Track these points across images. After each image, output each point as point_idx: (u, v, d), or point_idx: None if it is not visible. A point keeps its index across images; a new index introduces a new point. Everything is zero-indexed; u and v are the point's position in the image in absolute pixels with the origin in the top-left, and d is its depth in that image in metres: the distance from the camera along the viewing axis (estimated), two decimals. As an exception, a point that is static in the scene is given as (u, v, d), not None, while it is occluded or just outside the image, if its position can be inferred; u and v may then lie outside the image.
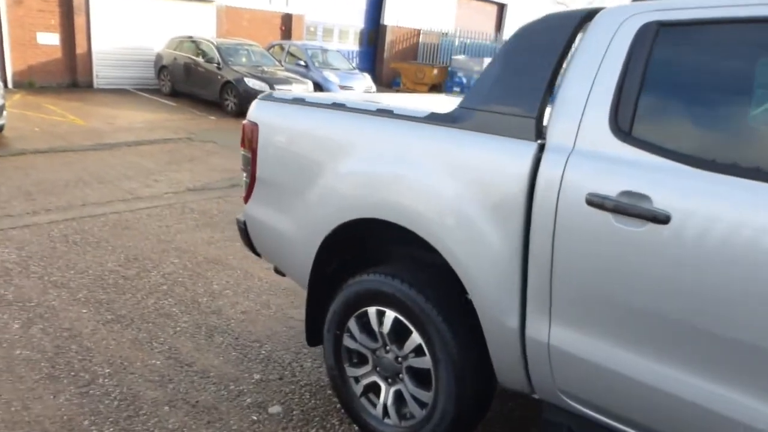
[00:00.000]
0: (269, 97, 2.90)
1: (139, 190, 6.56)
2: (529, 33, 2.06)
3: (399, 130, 2.28)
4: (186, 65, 13.07)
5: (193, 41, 13.39)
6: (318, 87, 13.21)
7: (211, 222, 5.64)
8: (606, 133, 1.79)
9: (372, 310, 2.41)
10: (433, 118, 2.21)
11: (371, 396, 2.55)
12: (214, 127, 10.94)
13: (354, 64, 15.83)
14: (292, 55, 14.89)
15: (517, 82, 2.02)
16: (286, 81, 12.09)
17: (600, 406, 1.86)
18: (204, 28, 15.44)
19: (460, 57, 19.20)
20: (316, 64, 14.40)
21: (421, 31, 21.75)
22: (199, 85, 12.78)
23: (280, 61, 13.92)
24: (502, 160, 1.97)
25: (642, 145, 1.73)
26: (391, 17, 20.83)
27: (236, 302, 3.94)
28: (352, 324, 2.52)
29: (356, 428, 2.68)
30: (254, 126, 2.85)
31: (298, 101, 2.74)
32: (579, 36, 1.97)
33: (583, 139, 1.83)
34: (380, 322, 2.39)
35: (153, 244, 4.92)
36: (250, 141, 2.88)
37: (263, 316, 3.77)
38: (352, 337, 2.53)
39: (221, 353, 3.28)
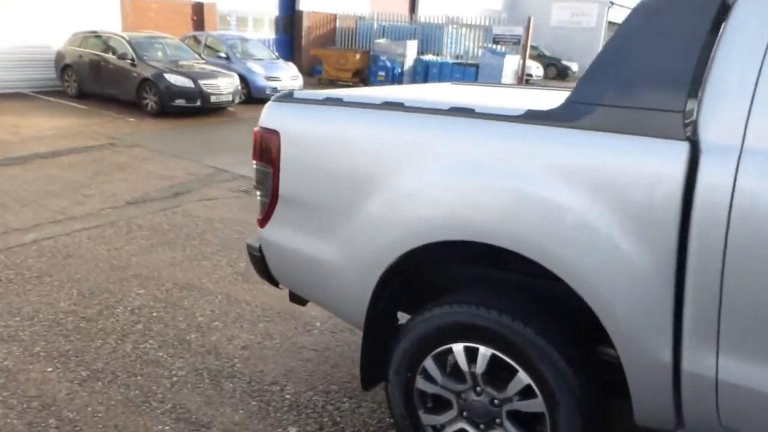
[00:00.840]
0: (288, 98, 2.40)
1: (70, 208, 5.73)
2: (660, 8, 1.71)
3: (490, 133, 1.88)
4: (94, 63, 11.85)
5: (99, 36, 12.16)
6: (242, 79, 12.41)
7: (166, 239, 4.97)
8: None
9: (459, 348, 2.01)
10: (535, 117, 1.82)
11: (456, 447, 2.16)
12: (136, 129, 9.96)
13: (276, 54, 15.06)
14: (209, 47, 13.92)
15: (652, 70, 1.67)
16: (211, 75, 11.23)
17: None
18: (107, 21, 14.10)
19: (382, 41, 18.84)
20: (238, 56, 13.54)
21: (338, 16, 21.15)
22: (111, 85, 11.63)
23: (199, 54, 12.96)
24: (642, 165, 1.62)
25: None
26: (306, 2, 20.08)
27: (232, 336, 3.39)
28: (429, 364, 2.10)
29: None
30: (273, 134, 2.35)
31: (334, 102, 2.26)
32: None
33: (755, 135, 1.51)
34: (471, 361, 2.00)
35: (107, 273, 4.23)
36: (267, 153, 2.37)
37: (269, 349, 3.26)
38: (430, 379, 2.12)
39: (238, 405, 2.76)
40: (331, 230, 2.24)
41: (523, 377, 1.90)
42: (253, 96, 12.87)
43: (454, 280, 2.23)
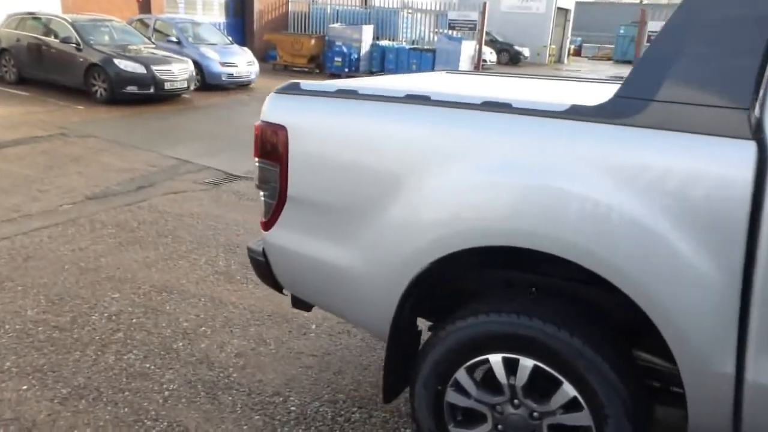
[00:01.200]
0: (295, 90, 2.21)
1: (25, 205, 5.33)
2: (719, 4, 1.61)
3: (533, 130, 1.76)
4: (33, 47, 11.13)
5: (38, 18, 11.43)
6: (195, 65, 11.91)
7: (136, 238, 4.68)
8: None
9: (496, 359, 1.90)
10: (582, 113, 1.71)
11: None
12: (86, 118, 9.42)
13: (229, 38, 14.54)
14: (158, 31, 13.31)
15: (713, 63, 1.57)
16: (164, 61, 10.72)
17: None
18: (45, 2, 13.28)
19: (337, 26, 18.50)
20: (190, 40, 13.01)
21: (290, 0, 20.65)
22: (55, 71, 10.95)
23: (149, 38, 12.36)
24: (705, 166, 1.53)
25: None
26: (257, -15, 19.53)
27: (222, 342, 3.19)
28: (461, 376, 1.98)
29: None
30: (280, 130, 2.16)
31: (349, 94, 2.09)
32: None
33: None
34: (510, 373, 1.89)
35: (75, 276, 3.93)
36: (272, 150, 2.18)
37: (265, 356, 3.08)
38: (462, 391, 2.00)
39: (241, 420, 2.57)
40: (349, 233, 2.08)
41: (568, 389, 1.81)
42: (207, 82, 12.40)
43: (481, 284, 2.12)
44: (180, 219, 5.15)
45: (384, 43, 18.47)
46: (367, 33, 17.81)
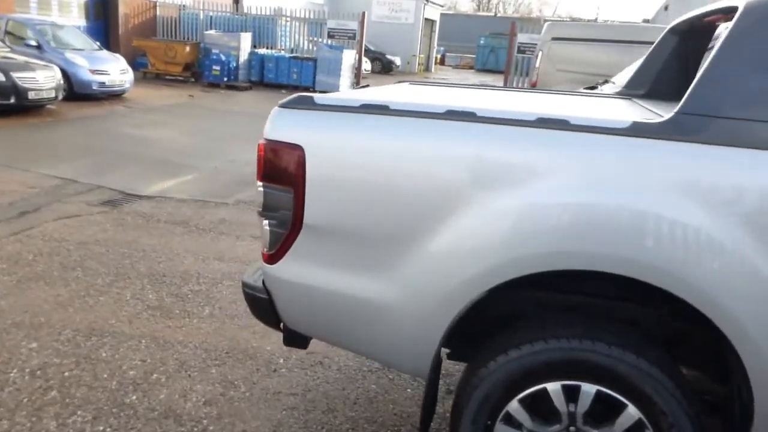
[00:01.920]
0: (309, 105, 1.96)
1: None
2: (758, 37, 1.64)
3: (594, 148, 1.68)
4: None
5: None
6: (62, 73, 10.73)
7: (37, 272, 4.04)
8: None
9: (555, 387, 1.80)
10: (645, 130, 1.67)
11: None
12: (-67, 133, 8.09)
13: (97, 44, 13.29)
14: (12, 33, 11.83)
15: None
16: (26, 67, 9.52)
17: None
18: None
19: (213, 32, 17.70)
20: (52, 44, 11.70)
21: (158, 3, 19.40)
22: None
23: (2, 41, 10.93)
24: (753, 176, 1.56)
25: None
26: (120, -13, 18.11)
27: (184, 390, 2.80)
28: (514, 408, 1.86)
29: None
30: (294, 150, 1.91)
31: (378, 109, 1.88)
32: None
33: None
34: (570, 400, 1.80)
35: (-29, 326, 3.29)
36: (284, 173, 1.93)
37: (239, 401, 2.74)
38: (515, 425, 1.88)
39: (238, 480, 2.25)
40: (383, 264, 1.88)
41: (633, 412, 1.76)
42: (76, 92, 11.24)
43: (519, 309, 2.02)
44: (85, 247, 4.53)
45: (263, 51, 17.96)
46: (245, 40, 17.21)
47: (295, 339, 2.30)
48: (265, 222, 2.03)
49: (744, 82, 1.63)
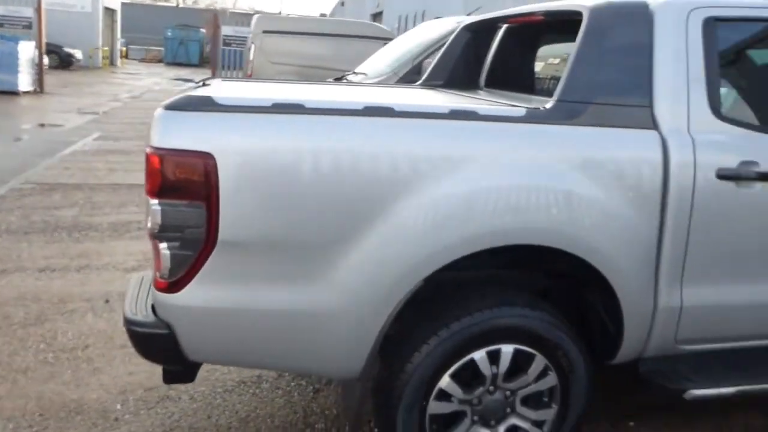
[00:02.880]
0: (210, 106, 1.72)
1: None
2: (614, 29, 2.03)
3: (501, 135, 1.89)
4: None
5: None
6: None
7: None
8: (710, 117, 2.06)
9: (481, 354, 1.98)
10: (537, 117, 1.93)
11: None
12: None
13: None
14: None
15: (627, 78, 2.01)
16: None
17: (723, 337, 2.24)
18: None
19: None
20: None
21: None
22: None
23: None
24: (636, 152, 1.98)
25: (736, 122, 2.10)
26: None
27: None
28: (446, 384, 1.98)
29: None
30: (202, 159, 1.68)
31: (292, 109, 1.76)
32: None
33: (696, 124, 2.04)
34: (493, 363, 2.00)
35: None
36: (191, 185, 1.70)
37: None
38: (446, 398, 2.01)
39: None
40: (315, 271, 1.80)
41: (540, 360, 2.04)
42: None
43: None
44: None
45: None
46: None
47: (181, 374, 2.05)
48: (164, 245, 1.74)
49: (600, 73, 2.01)
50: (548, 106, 1.99)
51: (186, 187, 1.69)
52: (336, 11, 43.25)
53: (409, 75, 5.27)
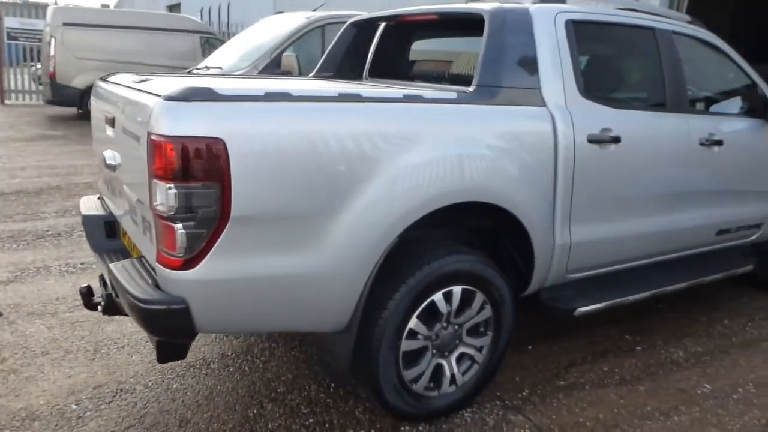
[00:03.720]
0: (213, 96, 1.90)
1: None
2: (509, 29, 2.57)
3: (445, 115, 2.34)
4: None
5: None
6: None
7: None
8: (578, 96, 2.72)
9: (438, 296, 2.42)
10: (467, 99, 2.42)
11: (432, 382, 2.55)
12: None
13: None
14: None
15: (523, 66, 2.57)
16: None
17: (596, 265, 2.94)
18: None
19: None
20: None
21: None
22: None
23: None
24: (536, 124, 2.57)
25: (596, 99, 2.78)
26: None
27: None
28: (413, 324, 2.39)
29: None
30: (215, 144, 1.87)
31: (282, 97, 2.01)
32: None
33: (570, 101, 2.69)
34: (448, 302, 2.46)
35: None
36: (207, 168, 1.87)
37: None
38: (414, 336, 2.42)
39: None
40: (311, 238, 2.07)
41: (480, 297, 2.54)
42: None
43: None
44: None
45: None
46: None
47: (176, 352, 2.21)
48: (179, 225, 1.89)
49: (503, 63, 2.54)
50: (471, 90, 2.48)
51: (201, 170, 1.86)
52: (123, 3, 40.16)
53: (269, 68, 5.51)
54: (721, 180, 3.41)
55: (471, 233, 2.82)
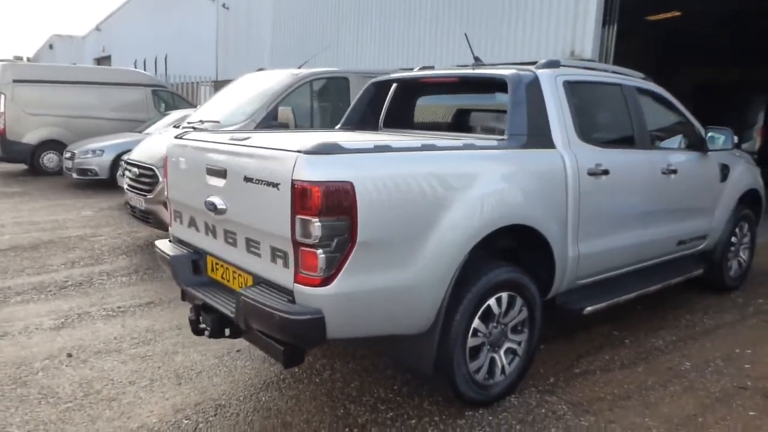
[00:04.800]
0: (341, 150, 2.49)
1: None
2: (525, 89, 3.29)
3: (492, 158, 3.03)
4: None
5: None
6: None
7: None
8: (578, 140, 3.47)
9: (492, 301, 3.04)
10: (505, 145, 3.12)
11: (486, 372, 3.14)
12: None
13: None
14: None
15: (538, 118, 3.30)
16: None
17: (597, 272, 3.66)
18: None
19: None
20: None
21: None
22: None
23: None
24: (551, 162, 3.29)
25: (589, 142, 3.55)
26: None
27: None
28: (476, 324, 2.99)
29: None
30: (346, 186, 2.44)
31: (386, 149, 2.64)
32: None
33: (572, 144, 3.43)
34: (499, 305, 3.08)
35: None
36: (338, 206, 2.43)
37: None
38: (475, 335, 3.01)
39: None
40: (410, 256, 2.66)
41: (519, 300, 3.19)
42: None
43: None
44: None
45: None
46: None
47: (298, 357, 2.72)
48: (320, 251, 2.43)
49: (525, 116, 3.26)
50: (506, 138, 3.17)
51: (338, 206, 2.41)
52: (42, 55, 39.27)
53: (266, 120, 6.03)
54: (677, 200, 4.26)
55: (500, 252, 3.47)
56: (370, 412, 3.11)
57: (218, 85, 17.82)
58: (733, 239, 5.01)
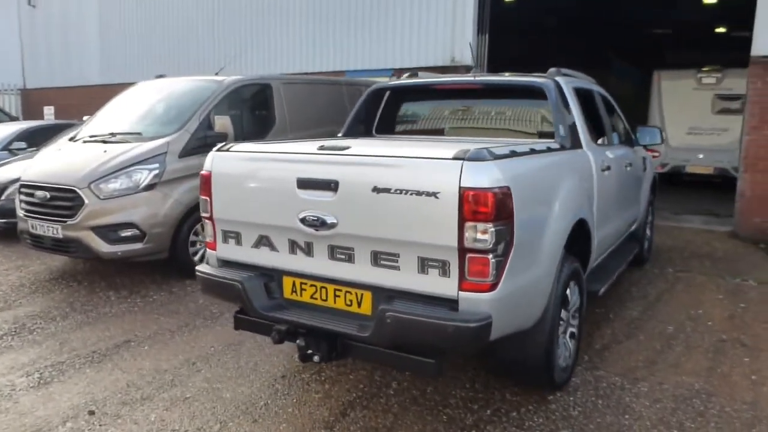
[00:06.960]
0: (493, 156, 2.53)
1: None
2: (559, 95, 3.61)
3: (562, 158, 3.29)
4: None
5: None
6: None
7: None
8: (590, 141, 3.89)
9: (569, 290, 3.31)
10: (563, 147, 3.40)
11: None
12: None
13: None
14: None
15: (570, 125, 3.63)
16: None
17: (598, 257, 4.12)
18: None
19: None
20: None
21: None
22: None
23: None
24: (585, 160, 3.68)
25: (595, 141, 4.00)
26: None
27: None
28: (562, 313, 3.24)
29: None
30: (507, 190, 2.50)
31: (529, 152, 2.85)
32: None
33: (589, 145, 3.84)
34: (572, 294, 3.36)
35: None
36: (505, 209, 2.50)
37: None
38: (566, 306, 3.29)
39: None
40: (537, 251, 2.81)
41: (576, 289, 3.50)
42: None
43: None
44: None
45: None
46: None
47: (443, 367, 2.73)
48: (491, 256, 2.46)
49: (565, 120, 3.58)
50: (558, 141, 3.46)
51: (504, 211, 2.47)
52: None
53: (201, 130, 5.54)
54: (629, 188, 4.95)
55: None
56: (470, 413, 3.16)
57: (27, 93, 15.32)
58: (649, 218, 5.94)
